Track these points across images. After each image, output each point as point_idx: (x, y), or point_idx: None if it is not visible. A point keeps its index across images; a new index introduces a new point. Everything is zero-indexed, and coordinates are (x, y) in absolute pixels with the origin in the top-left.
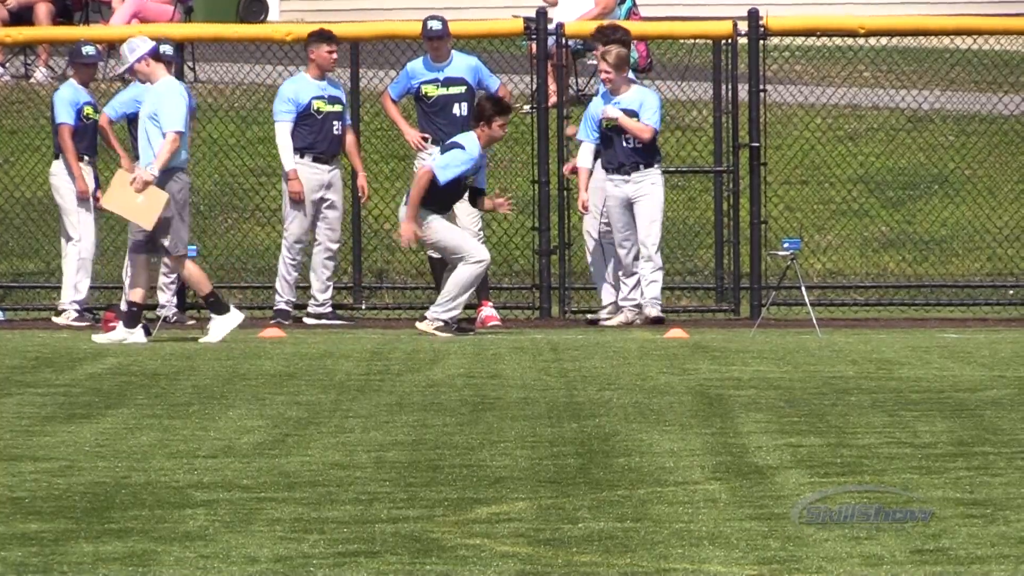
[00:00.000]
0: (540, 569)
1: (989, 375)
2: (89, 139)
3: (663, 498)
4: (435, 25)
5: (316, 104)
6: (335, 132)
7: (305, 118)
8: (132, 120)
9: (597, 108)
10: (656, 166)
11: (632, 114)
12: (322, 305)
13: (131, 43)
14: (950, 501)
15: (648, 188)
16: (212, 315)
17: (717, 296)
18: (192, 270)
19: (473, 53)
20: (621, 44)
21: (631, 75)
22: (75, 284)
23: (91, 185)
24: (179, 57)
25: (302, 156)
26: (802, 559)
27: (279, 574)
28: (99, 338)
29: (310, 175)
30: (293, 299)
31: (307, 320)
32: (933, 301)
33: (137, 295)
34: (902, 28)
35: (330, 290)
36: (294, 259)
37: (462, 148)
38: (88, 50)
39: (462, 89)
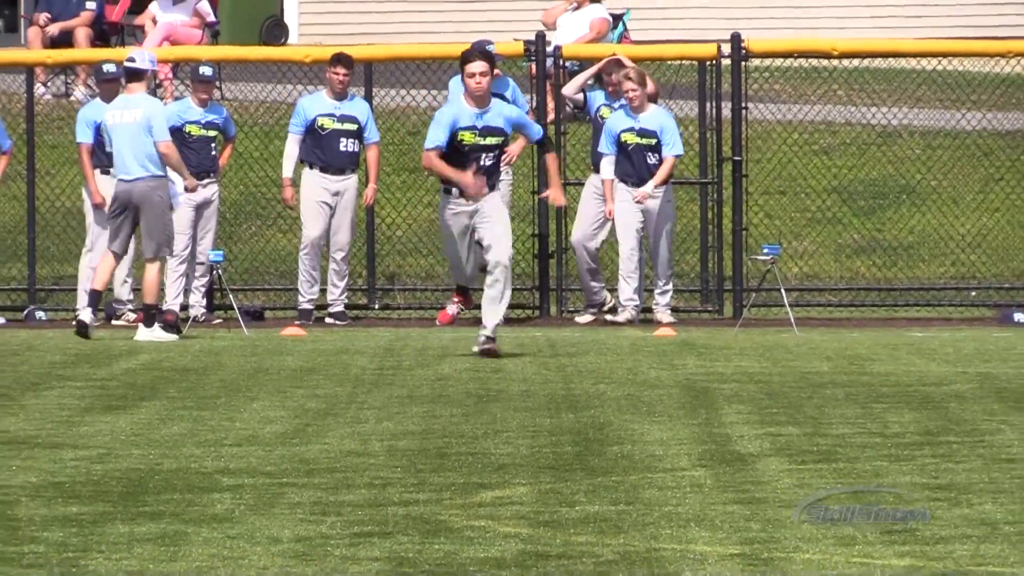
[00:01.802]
0: (540, 549)
1: (953, 370)
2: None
3: (653, 483)
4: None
5: (321, 121)
6: (342, 148)
7: (311, 133)
8: (173, 132)
9: (616, 123)
10: (671, 184)
11: (650, 134)
12: (331, 305)
13: (145, 54)
14: (917, 486)
15: (665, 205)
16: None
17: (702, 297)
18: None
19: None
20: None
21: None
22: (84, 289)
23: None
24: (218, 76)
25: (311, 167)
26: (780, 540)
27: (300, 554)
28: (141, 335)
29: (318, 184)
30: (314, 298)
31: (327, 319)
32: (901, 303)
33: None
34: (873, 50)
35: (339, 291)
36: (309, 261)
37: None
38: (108, 67)
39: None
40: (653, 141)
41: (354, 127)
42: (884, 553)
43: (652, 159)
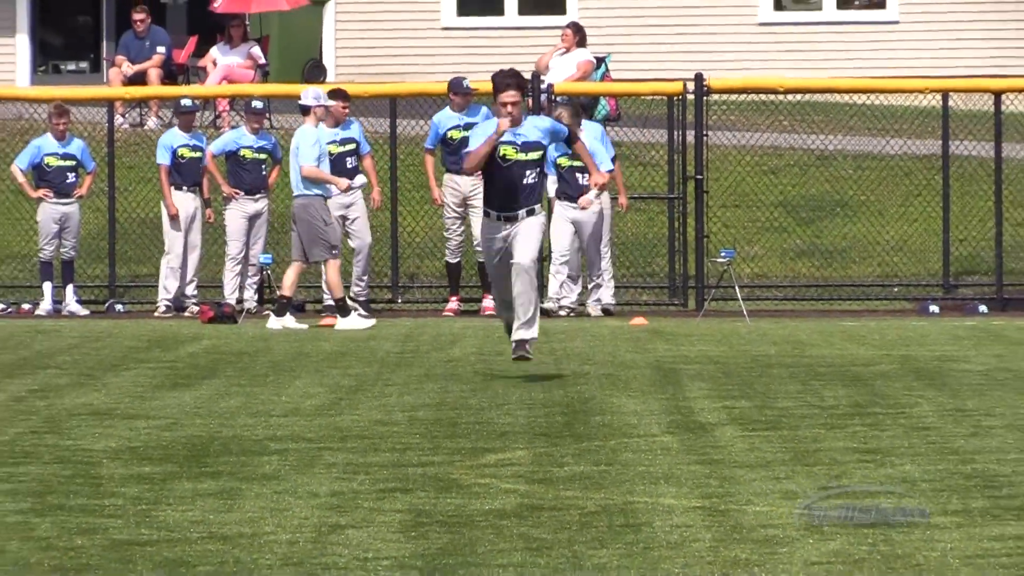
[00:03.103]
0: (534, 502)
1: (878, 353)
2: (187, 172)
3: (629, 447)
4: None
5: (329, 148)
6: (348, 166)
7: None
8: (230, 155)
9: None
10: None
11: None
12: (354, 299)
13: (315, 91)
14: (848, 450)
15: (594, 217)
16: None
17: (670, 293)
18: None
19: (481, 105)
20: (568, 104)
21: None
22: (164, 285)
23: (190, 208)
24: (267, 109)
25: None
26: (735, 494)
27: (334, 506)
28: (271, 324)
29: (333, 202)
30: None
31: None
32: (836, 297)
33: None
34: (812, 87)
35: (357, 288)
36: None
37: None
38: (186, 102)
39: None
40: (580, 163)
41: (353, 146)
42: (821, 505)
43: (583, 180)
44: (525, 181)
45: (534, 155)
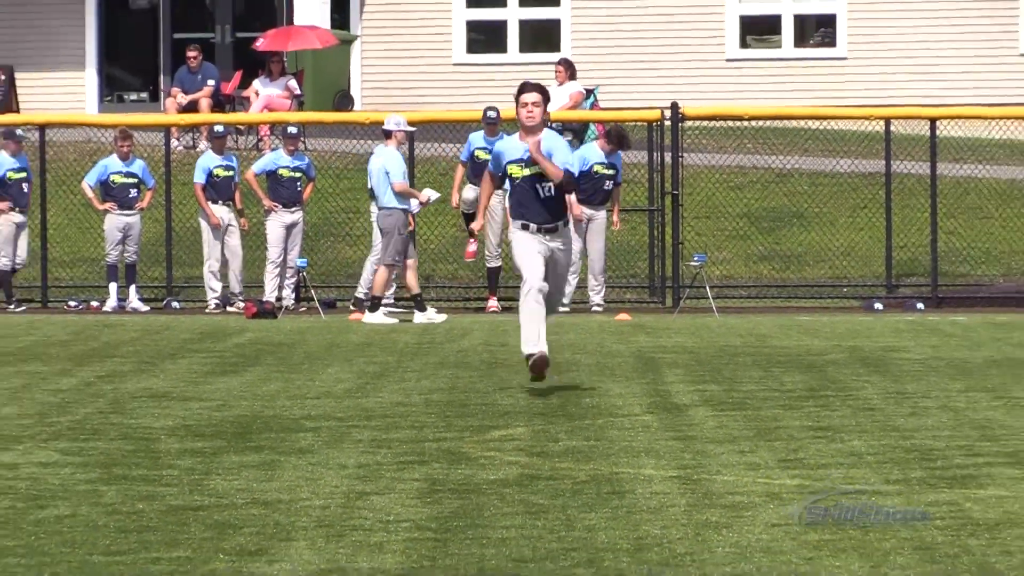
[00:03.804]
0: (533, 472)
1: (830, 344)
2: (221, 189)
3: (614, 425)
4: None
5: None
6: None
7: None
8: (270, 174)
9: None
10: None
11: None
12: (387, 298)
13: (396, 118)
14: (804, 428)
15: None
16: (362, 308)
17: (650, 292)
18: (382, 275)
19: (505, 133)
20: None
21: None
22: (210, 286)
23: (224, 220)
24: (302, 133)
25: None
26: (706, 465)
27: (361, 476)
28: (368, 319)
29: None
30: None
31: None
32: (793, 296)
33: (379, 289)
34: (773, 115)
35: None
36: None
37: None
38: (218, 128)
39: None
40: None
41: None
42: (781, 476)
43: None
44: (542, 195)
45: (538, 170)
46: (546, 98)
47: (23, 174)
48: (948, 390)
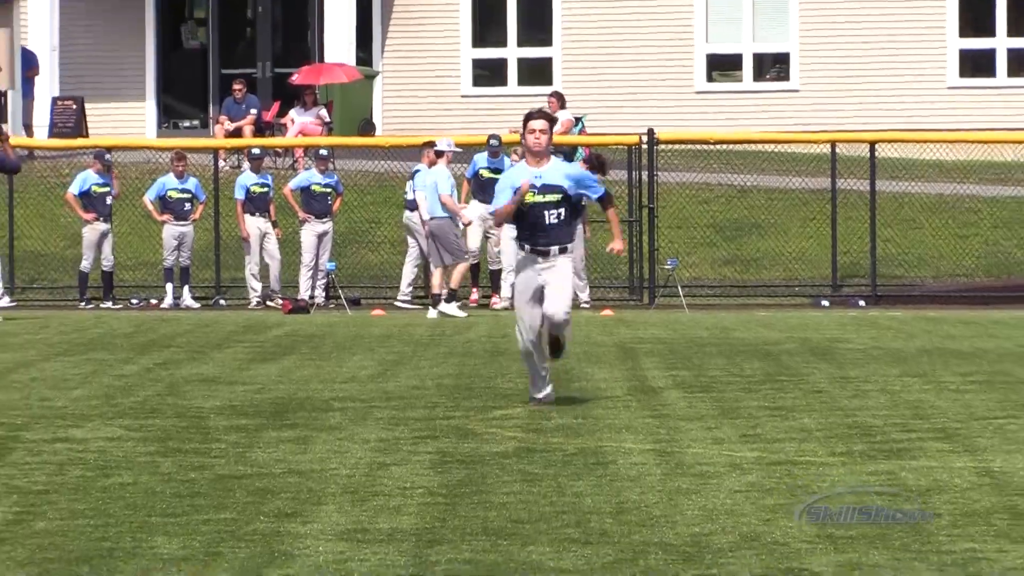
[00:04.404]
0: (529, 446)
1: (784, 336)
2: (258, 203)
3: (599, 405)
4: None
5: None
6: (409, 198)
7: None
8: (304, 190)
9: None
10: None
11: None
12: (405, 295)
13: (447, 140)
14: (761, 407)
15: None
16: (443, 302)
17: (630, 291)
18: (456, 271)
19: (506, 156)
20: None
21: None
22: (251, 286)
23: (258, 230)
24: (331, 155)
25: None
26: (678, 440)
27: (381, 449)
28: (444, 309)
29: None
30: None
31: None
32: (752, 295)
33: (436, 285)
34: (735, 139)
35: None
36: (413, 267)
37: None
38: (255, 151)
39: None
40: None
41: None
42: (742, 449)
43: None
44: (548, 221)
45: (552, 197)
46: (552, 126)
47: (107, 188)
48: (885, 375)
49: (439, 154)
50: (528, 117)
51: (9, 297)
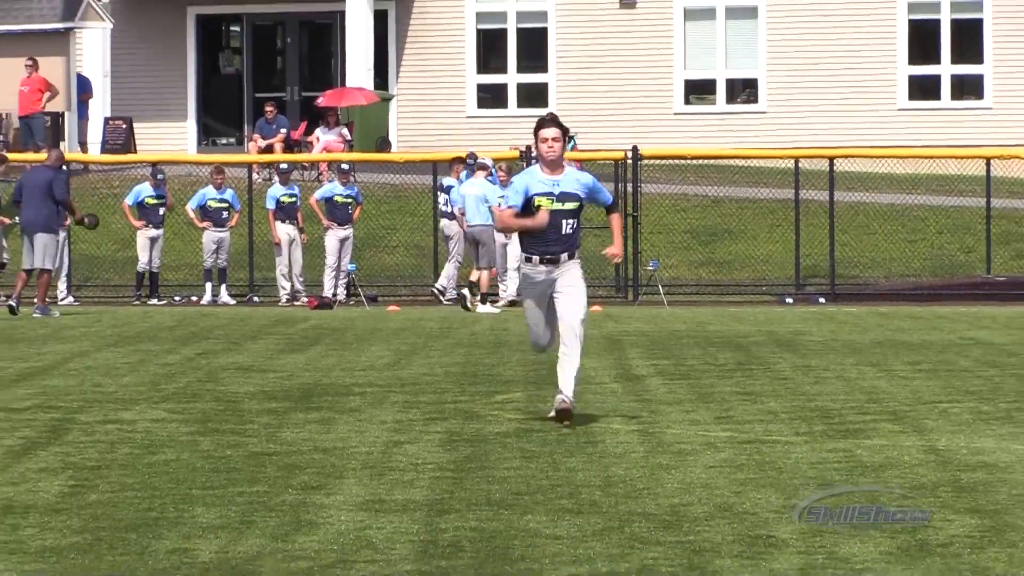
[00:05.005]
0: (527, 427)
1: (754, 329)
2: (287, 211)
3: (589, 391)
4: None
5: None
6: (446, 209)
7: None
8: (328, 200)
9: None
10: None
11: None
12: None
13: (488, 159)
14: (733, 393)
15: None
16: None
17: (616, 289)
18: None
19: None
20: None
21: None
22: (281, 285)
23: (287, 236)
24: (352, 169)
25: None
26: (658, 421)
27: (396, 429)
28: (481, 309)
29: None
30: (444, 285)
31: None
32: (725, 293)
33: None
34: (709, 155)
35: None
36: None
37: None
38: (283, 166)
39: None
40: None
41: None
42: (716, 429)
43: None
44: (564, 231)
45: (570, 205)
46: (565, 133)
47: (160, 200)
48: (843, 364)
49: (482, 168)
50: (540, 125)
51: (72, 297)
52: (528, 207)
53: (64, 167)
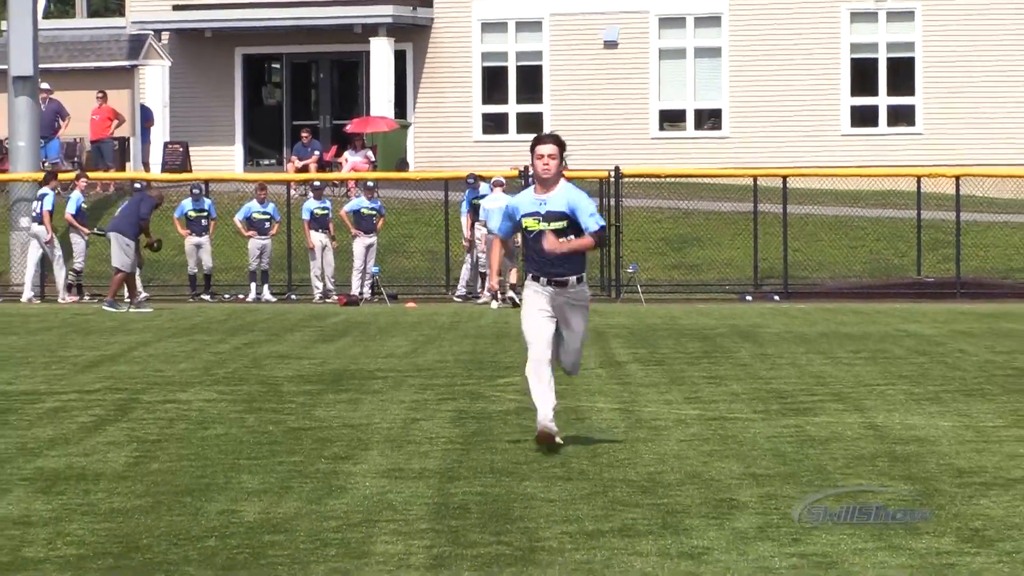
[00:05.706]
0: (525, 406)
1: (719, 323)
2: (320, 222)
3: (577, 376)
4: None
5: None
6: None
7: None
8: (356, 212)
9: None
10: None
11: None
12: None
13: (499, 178)
14: (701, 377)
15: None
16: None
17: (601, 288)
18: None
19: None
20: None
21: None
22: (315, 285)
23: (320, 243)
24: (376, 186)
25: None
26: (639, 401)
27: (412, 408)
28: (493, 305)
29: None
30: (464, 288)
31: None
32: (696, 292)
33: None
34: (681, 174)
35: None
36: (471, 270)
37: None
38: (316, 183)
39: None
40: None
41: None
42: (686, 408)
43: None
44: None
45: (556, 224)
46: (563, 150)
47: (203, 213)
48: (794, 352)
49: (497, 184)
50: (536, 141)
51: (149, 306)
52: (520, 230)
53: (155, 200)
